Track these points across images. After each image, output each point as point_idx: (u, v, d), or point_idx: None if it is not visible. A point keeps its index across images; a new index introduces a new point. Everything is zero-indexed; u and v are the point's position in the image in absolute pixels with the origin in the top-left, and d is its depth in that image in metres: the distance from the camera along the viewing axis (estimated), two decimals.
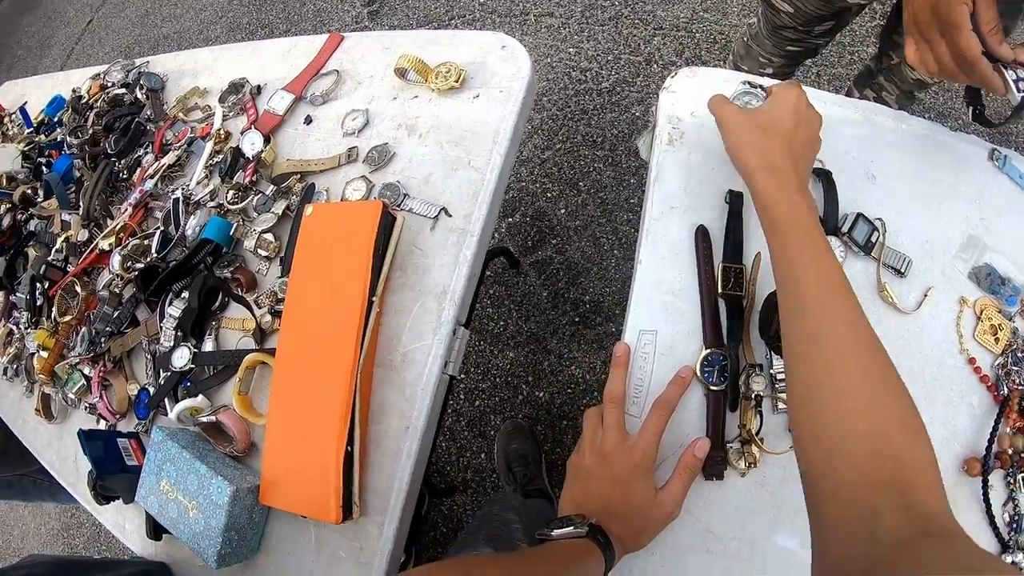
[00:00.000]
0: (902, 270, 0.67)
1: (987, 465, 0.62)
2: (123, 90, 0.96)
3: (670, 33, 1.83)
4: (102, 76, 1.01)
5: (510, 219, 1.65)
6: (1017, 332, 0.68)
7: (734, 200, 0.65)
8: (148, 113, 0.91)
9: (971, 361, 0.66)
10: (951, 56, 0.57)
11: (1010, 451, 0.63)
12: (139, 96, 0.93)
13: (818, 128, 0.59)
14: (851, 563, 0.39)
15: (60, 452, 0.81)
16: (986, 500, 0.60)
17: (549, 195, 1.67)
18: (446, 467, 1.46)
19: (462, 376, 1.52)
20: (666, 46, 1.82)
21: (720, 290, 0.62)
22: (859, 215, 0.66)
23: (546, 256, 1.60)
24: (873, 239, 0.67)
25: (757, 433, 0.59)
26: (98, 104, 0.96)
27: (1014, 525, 0.61)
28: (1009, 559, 0.60)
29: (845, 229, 0.66)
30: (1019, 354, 0.68)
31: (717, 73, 0.70)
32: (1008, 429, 0.64)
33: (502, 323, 1.56)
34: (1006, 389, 0.65)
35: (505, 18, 1.97)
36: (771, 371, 0.61)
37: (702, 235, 0.63)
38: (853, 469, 0.41)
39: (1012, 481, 0.62)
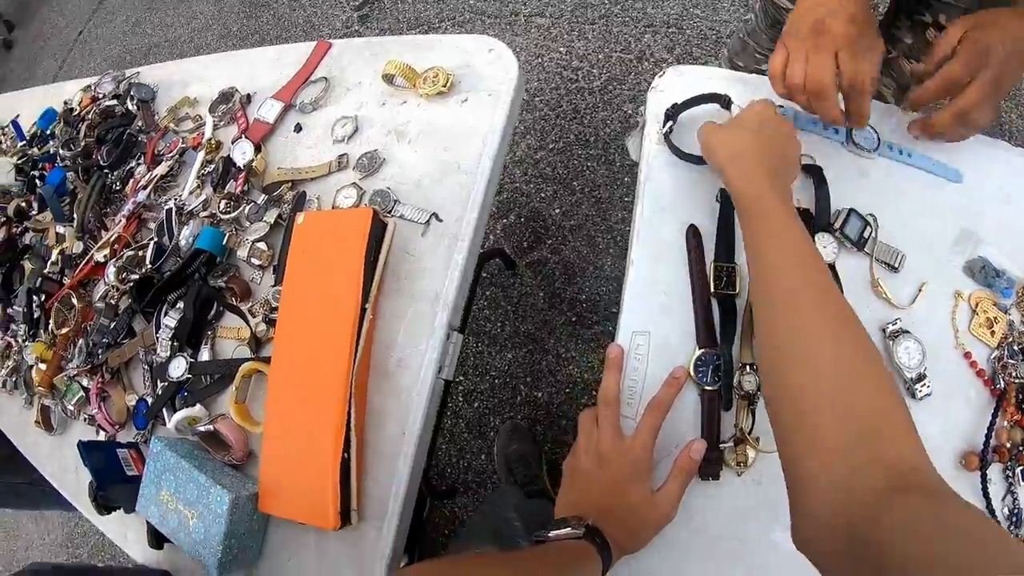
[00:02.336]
0: (896, 265, 0.67)
1: (985, 459, 0.62)
2: (114, 101, 0.96)
3: (660, 30, 1.83)
4: (93, 88, 1.01)
5: (505, 220, 1.66)
6: (1013, 325, 0.68)
7: (725, 199, 0.65)
8: (140, 124, 0.91)
9: (967, 355, 0.66)
10: (831, 72, 0.60)
11: (1008, 445, 0.63)
12: (130, 107, 0.93)
13: (788, 132, 0.61)
14: (833, 519, 0.40)
15: (61, 463, 0.81)
16: (985, 494, 0.61)
17: (543, 195, 1.67)
18: (447, 469, 1.46)
19: (460, 378, 1.52)
20: (657, 43, 1.82)
21: (713, 289, 0.62)
22: (851, 211, 0.66)
23: (542, 256, 1.60)
24: (866, 234, 0.67)
25: (750, 432, 0.60)
26: (90, 116, 0.96)
27: (1014, 519, 0.62)
28: None
29: (837, 225, 0.66)
30: (1015, 347, 0.68)
31: (705, 71, 0.70)
32: (1005, 423, 0.64)
33: (499, 324, 1.56)
34: (1002, 383, 0.65)
35: (495, 19, 1.97)
36: None
37: (693, 234, 0.63)
38: (825, 428, 0.42)
39: (1011, 475, 0.63)
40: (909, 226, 0.69)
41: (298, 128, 0.76)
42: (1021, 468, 0.63)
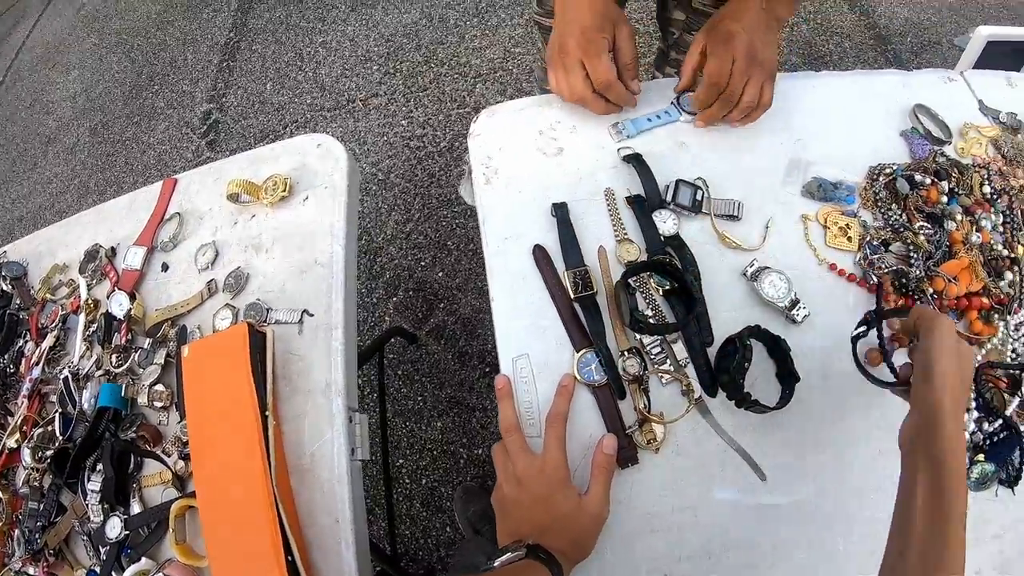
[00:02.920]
0: (736, 214, 0.73)
1: (885, 349, 0.66)
2: None
3: (489, 77, 1.95)
4: None
5: (394, 298, 1.70)
6: (866, 224, 0.75)
7: (559, 210, 0.70)
8: (17, 302, 0.91)
9: (832, 267, 0.72)
10: (581, 83, 0.69)
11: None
12: (4, 287, 0.93)
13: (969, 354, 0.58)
14: None
15: None
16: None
17: (423, 264, 1.72)
18: (417, 552, 1.46)
19: (400, 460, 1.54)
20: (488, 90, 1.93)
21: (572, 295, 0.67)
22: (678, 181, 0.72)
23: (440, 321, 1.65)
24: (699, 197, 0.73)
25: (649, 410, 0.64)
26: None
27: None
28: None
29: (669, 198, 0.72)
30: (874, 243, 0.74)
31: (511, 104, 0.76)
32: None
33: (419, 399, 1.59)
34: (875, 278, 0.71)
35: (334, 111, 2.04)
36: (644, 349, 0.66)
37: (540, 252, 0.69)
38: None
39: None
40: (738, 176, 0.74)
41: (164, 267, 0.79)
42: None
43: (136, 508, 0.72)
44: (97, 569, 0.74)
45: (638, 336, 0.67)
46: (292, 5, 2.44)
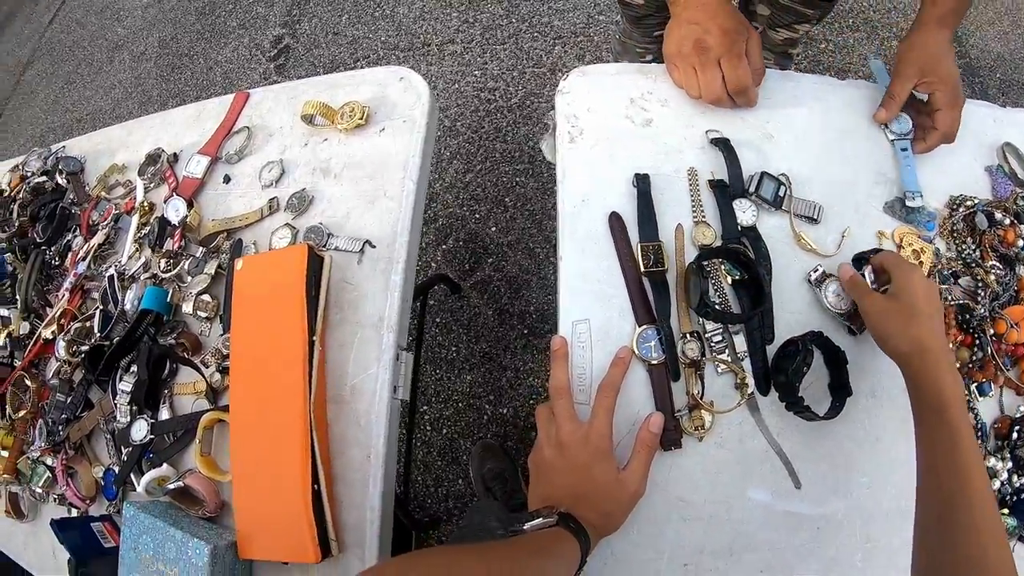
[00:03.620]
0: (815, 217, 0.71)
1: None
2: (43, 178, 0.96)
3: (569, 40, 1.90)
4: (21, 167, 1.01)
5: (444, 246, 1.68)
6: (939, 253, 0.73)
7: (641, 181, 0.68)
8: (71, 197, 0.91)
9: None
10: (720, 83, 0.70)
11: (957, 364, 0.67)
12: (60, 181, 0.93)
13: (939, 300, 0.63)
14: None
15: (38, 550, 0.80)
16: None
17: (477, 216, 1.70)
18: (426, 500, 1.46)
19: (424, 407, 1.54)
20: (567, 53, 1.89)
21: (643, 269, 0.65)
22: (763, 173, 0.70)
23: (485, 276, 1.63)
24: (781, 193, 0.71)
25: (702, 397, 0.63)
26: (20, 195, 0.96)
27: (979, 433, 0.66)
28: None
29: (752, 189, 0.70)
30: (945, 272, 0.73)
31: (606, 68, 0.74)
32: (951, 345, 0.68)
33: (454, 349, 1.58)
34: None
35: (408, 52, 2.02)
36: (705, 335, 0.65)
37: (616, 220, 0.67)
38: None
39: (967, 392, 0.66)
40: (823, 178, 0.73)
41: (227, 179, 0.78)
42: (975, 384, 0.67)
43: (165, 415, 0.71)
44: (116, 469, 0.74)
45: (701, 321, 0.65)
46: None
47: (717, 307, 0.65)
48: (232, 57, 2.30)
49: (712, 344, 0.65)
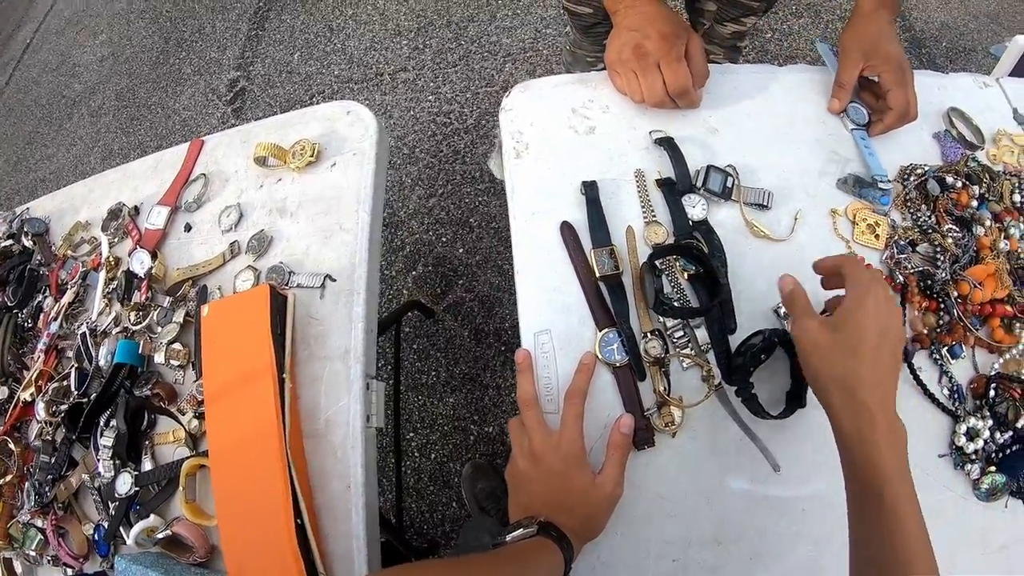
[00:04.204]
0: (765, 203, 0.73)
1: (907, 350, 0.66)
2: (10, 241, 0.96)
3: (519, 57, 1.94)
4: None
5: (413, 272, 1.70)
6: (895, 224, 0.74)
7: (589, 189, 0.70)
8: (39, 258, 0.91)
9: (860, 260, 0.69)
10: (661, 86, 0.71)
11: (925, 330, 0.68)
12: (26, 243, 0.94)
13: (901, 321, 0.55)
14: None
15: None
16: (919, 382, 0.66)
17: (444, 239, 1.72)
18: (422, 526, 1.47)
19: (411, 434, 1.55)
20: (518, 70, 1.93)
21: (598, 274, 0.66)
22: (709, 167, 0.72)
23: (458, 297, 1.65)
24: (729, 184, 0.72)
25: (669, 393, 0.64)
26: None
27: (955, 395, 0.67)
28: (964, 427, 0.65)
29: (699, 183, 0.71)
30: (902, 242, 0.73)
31: (545, 81, 0.76)
32: (916, 312, 0.69)
33: (434, 373, 1.59)
34: (901, 278, 0.71)
35: (361, 84, 2.04)
36: (666, 332, 0.66)
37: (567, 229, 0.68)
38: None
39: (938, 357, 0.68)
40: (771, 165, 0.74)
41: (188, 227, 0.79)
42: (946, 348, 0.68)
43: (147, 465, 0.72)
44: (105, 524, 0.74)
45: (661, 319, 0.66)
46: None
47: (675, 303, 0.66)
48: (189, 104, 2.31)
49: (675, 340, 0.66)
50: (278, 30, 2.30)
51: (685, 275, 0.68)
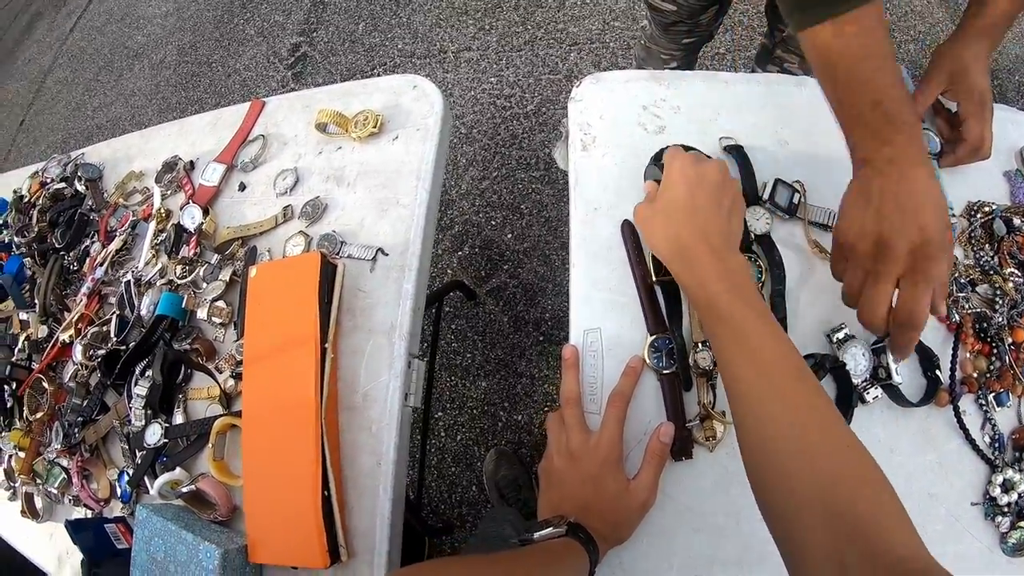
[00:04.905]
0: (829, 224, 0.70)
1: (955, 393, 0.64)
2: (63, 184, 0.98)
3: (585, 47, 1.91)
4: (41, 173, 1.03)
5: (459, 253, 1.69)
6: (957, 261, 0.72)
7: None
8: (90, 203, 0.93)
9: None
10: (884, 310, 0.52)
11: (975, 374, 0.66)
12: (79, 188, 0.95)
13: (720, 181, 0.57)
14: None
15: (53, 550, 0.81)
16: (962, 426, 0.64)
17: (493, 223, 1.71)
18: (440, 506, 1.46)
19: (439, 413, 1.54)
20: (583, 60, 1.89)
21: (654, 277, 0.65)
22: (777, 180, 0.70)
23: (501, 282, 1.63)
24: (795, 200, 0.70)
25: (714, 407, 0.62)
26: (40, 201, 0.98)
27: (996, 444, 0.64)
28: (1000, 477, 0.63)
29: (766, 196, 0.69)
30: (962, 280, 0.71)
31: (618, 75, 0.74)
32: (968, 354, 0.67)
33: (469, 355, 1.58)
34: (957, 317, 0.68)
35: (424, 59, 2.04)
36: None
37: (628, 229, 0.67)
38: (816, 527, 0.42)
39: (984, 403, 0.65)
40: (837, 184, 0.71)
41: (242, 187, 0.79)
42: (993, 394, 0.66)
43: (179, 419, 0.72)
44: (130, 471, 0.74)
45: None
46: None
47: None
48: (250, 64, 2.33)
49: None
50: None
51: None
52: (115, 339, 0.78)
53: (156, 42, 2.67)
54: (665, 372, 0.62)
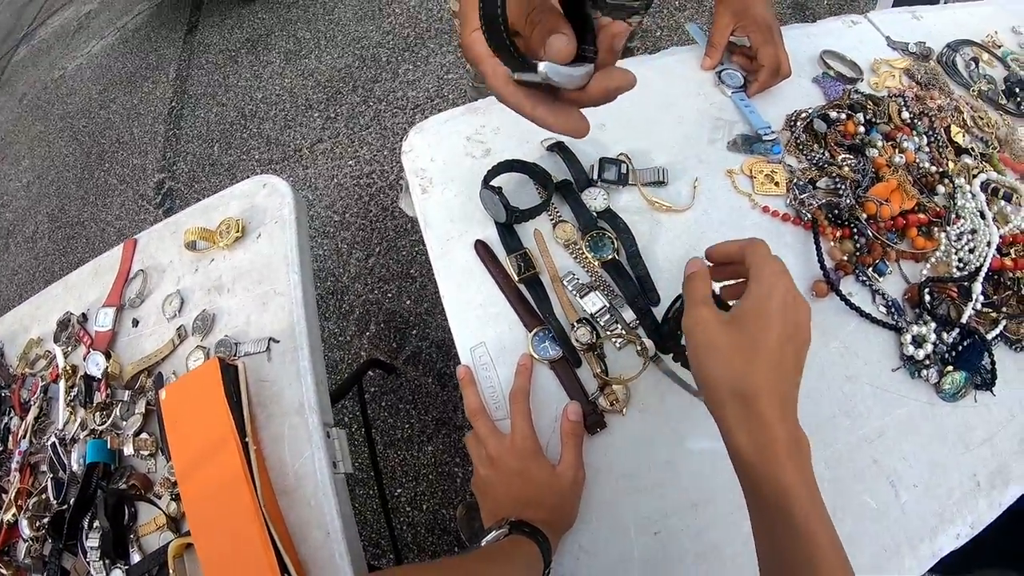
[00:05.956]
0: (662, 179, 0.76)
1: (831, 279, 0.68)
2: None
3: (426, 106, 2.01)
4: None
5: (367, 333, 1.73)
6: (792, 168, 0.77)
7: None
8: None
9: (765, 209, 0.74)
10: None
11: (845, 257, 0.70)
12: None
13: (809, 331, 0.47)
14: None
15: None
16: (852, 306, 0.67)
17: (390, 295, 1.76)
18: None
19: (398, 489, 1.54)
20: (427, 119, 1.97)
21: (516, 278, 0.70)
22: (601, 159, 0.75)
23: (414, 348, 1.68)
24: (623, 171, 0.76)
25: (607, 374, 0.66)
26: None
27: (893, 310, 0.68)
28: (908, 336, 0.66)
29: (595, 176, 0.75)
30: (801, 183, 0.76)
31: (439, 117, 0.81)
32: (831, 243, 0.71)
33: (407, 426, 1.61)
34: (808, 215, 0.73)
35: (283, 163, 2.10)
36: (593, 319, 0.68)
37: (481, 246, 0.72)
38: None
39: (864, 278, 0.70)
40: (661, 144, 0.77)
41: (135, 322, 0.82)
42: (870, 267, 0.70)
43: (136, 558, 0.73)
44: None
45: (585, 308, 0.70)
46: (228, 67, 2.50)
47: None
48: (120, 213, 2.34)
49: (602, 324, 0.69)
50: (194, 126, 2.34)
51: (598, 263, 0.72)
52: (55, 502, 0.79)
53: (24, 215, 2.63)
54: (554, 359, 0.66)
